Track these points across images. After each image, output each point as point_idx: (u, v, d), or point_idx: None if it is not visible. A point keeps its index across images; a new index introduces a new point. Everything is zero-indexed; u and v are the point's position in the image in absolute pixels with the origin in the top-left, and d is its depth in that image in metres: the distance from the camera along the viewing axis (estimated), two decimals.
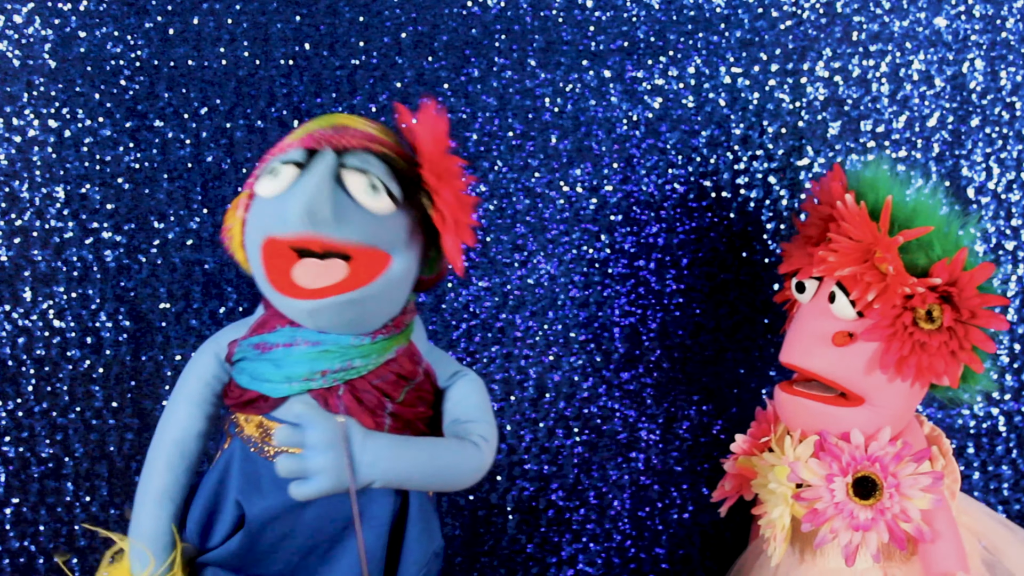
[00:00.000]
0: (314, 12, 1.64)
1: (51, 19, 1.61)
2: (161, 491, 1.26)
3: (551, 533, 1.75)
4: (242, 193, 1.26)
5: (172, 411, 1.28)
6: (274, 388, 1.22)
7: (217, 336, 1.30)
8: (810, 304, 1.40)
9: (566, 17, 1.67)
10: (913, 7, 1.69)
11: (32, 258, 1.64)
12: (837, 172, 1.41)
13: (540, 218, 1.69)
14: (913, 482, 1.34)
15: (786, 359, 1.40)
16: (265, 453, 1.24)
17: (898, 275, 1.32)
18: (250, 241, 1.22)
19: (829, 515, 1.34)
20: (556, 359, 1.72)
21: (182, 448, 1.27)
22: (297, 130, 1.24)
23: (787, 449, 1.38)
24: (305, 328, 1.22)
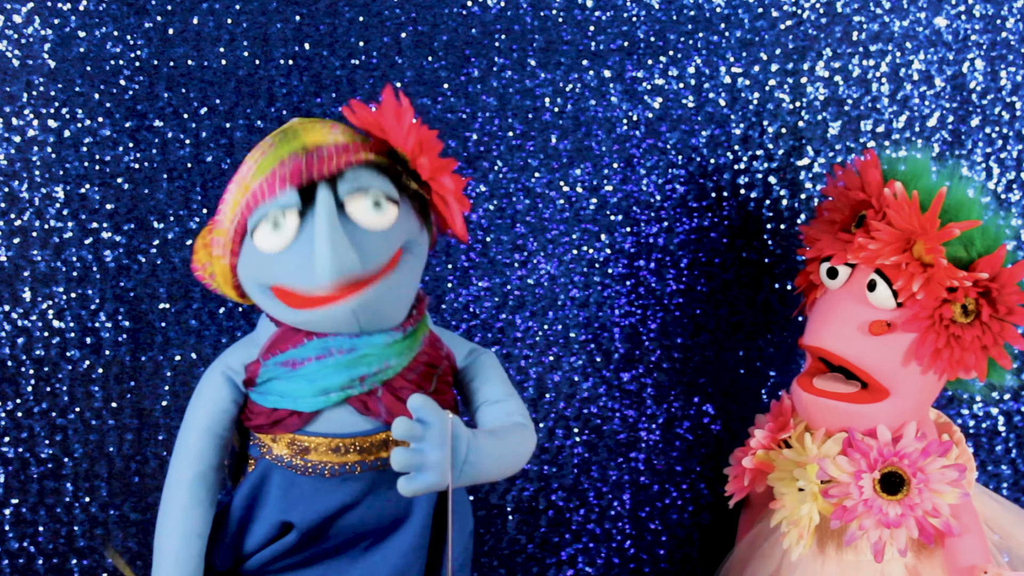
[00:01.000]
0: (314, 12, 1.64)
1: (51, 19, 1.61)
2: (188, 530, 1.22)
3: (551, 533, 1.75)
4: (209, 229, 1.23)
5: (189, 443, 1.24)
6: (308, 403, 1.20)
7: (225, 360, 1.26)
8: (843, 290, 1.39)
9: (566, 17, 1.67)
10: (913, 7, 1.69)
11: (31, 258, 1.64)
12: (874, 158, 1.41)
13: (540, 218, 1.69)
14: (941, 476, 1.34)
15: (815, 343, 1.39)
16: (302, 469, 1.22)
17: (945, 268, 1.32)
18: (252, 284, 1.20)
19: (859, 512, 1.34)
20: (556, 359, 1.72)
21: (206, 482, 1.24)
22: (264, 157, 1.18)
23: (808, 445, 1.38)
24: (336, 336, 1.20)
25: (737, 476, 1.47)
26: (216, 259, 1.22)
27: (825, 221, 1.45)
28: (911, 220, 1.33)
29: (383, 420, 1.22)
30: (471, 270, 1.69)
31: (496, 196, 1.69)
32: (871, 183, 1.39)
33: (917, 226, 1.32)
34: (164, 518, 1.23)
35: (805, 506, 1.37)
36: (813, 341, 1.40)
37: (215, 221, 1.22)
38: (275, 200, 1.15)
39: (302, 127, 1.20)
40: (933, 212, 1.32)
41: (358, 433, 1.22)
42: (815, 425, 1.40)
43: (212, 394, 1.24)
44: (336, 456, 1.21)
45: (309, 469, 1.22)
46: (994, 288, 1.33)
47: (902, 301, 1.35)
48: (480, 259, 1.69)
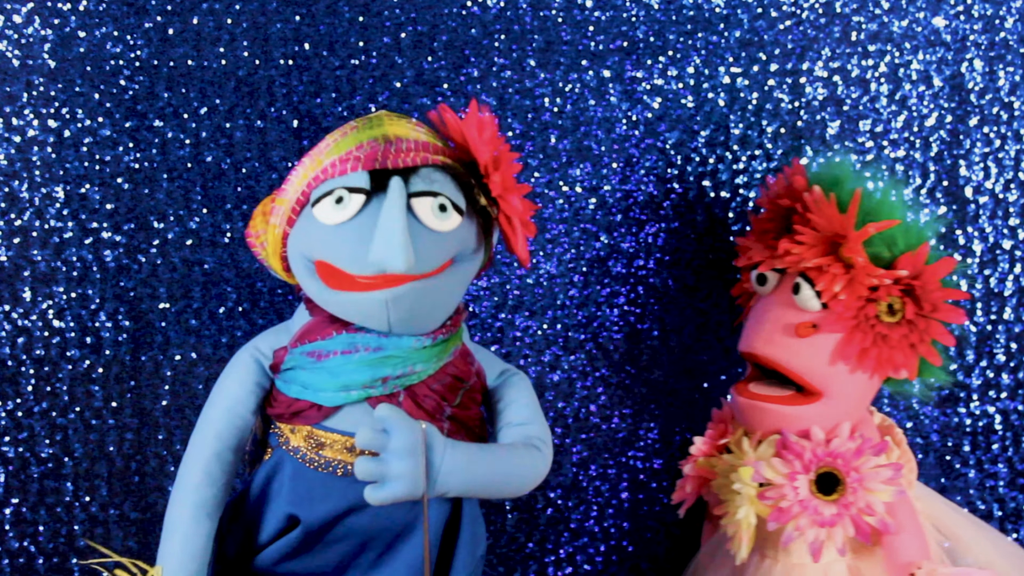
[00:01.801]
0: (314, 12, 1.64)
1: (51, 19, 1.61)
2: (199, 506, 1.21)
3: (550, 532, 1.75)
4: (272, 198, 1.24)
5: (212, 420, 1.24)
6: (329, 397, 1.19)
7: (257, 343, 1.26)
8: (772, 295, 1.41)
9: (565, 17, 1.67)
10: (912, 7, 1.70)
11: (32, 258, 1.64)
12: (798, 167, 1.43)
13: (540, 218, 1.69)
14: (875, 475, 1.35)
15: (747, 348, 1.41)
16: (316, 464, 1.22)
17: (864, 267, 1.33)
18: (298, 256, 1.20)
19: (794, 513, 1.35)
20: (556, 359, 1.72)
21: (223, 461, 1.23)
22: (344, 138, 1.20)
23: (746, 449, 1.39)
24: (365, 333, 1.19)
25: (681, 484, 1.48)
26: (271, 227, 1.22)
27: (758, 231, 1.46)
28: (831, 222, 1.34)
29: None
30: None
31: None
32: (796, 190, 1.40)
33: (837, 227, 1.33)
34: (177, 493, 1.22)
35: (742, 509, 1.38)
36: (745, 347, 1.42)
37: (280, 190, 1.23)
38: (345, 177, 1.16)
39: (388, 118, 1.22)
40: (851, 213, 1.33)
41: None
42: (752, 429, 1.41)
43: (238, 375, 1.24)
44: (350, 456, 1.21)
45: (322, 465, 1.21)
46: (917, 286, 1.34)
47: (827, 303, 1.36)
48: None
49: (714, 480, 1.43)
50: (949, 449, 1.77)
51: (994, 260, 1.74)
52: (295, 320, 1.26)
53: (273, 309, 1.66)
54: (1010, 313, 1.75)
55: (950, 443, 1.76)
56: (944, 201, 1.72)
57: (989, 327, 1.75)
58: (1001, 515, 1.78)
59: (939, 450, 1.77)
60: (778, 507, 1.36)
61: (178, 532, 1.21)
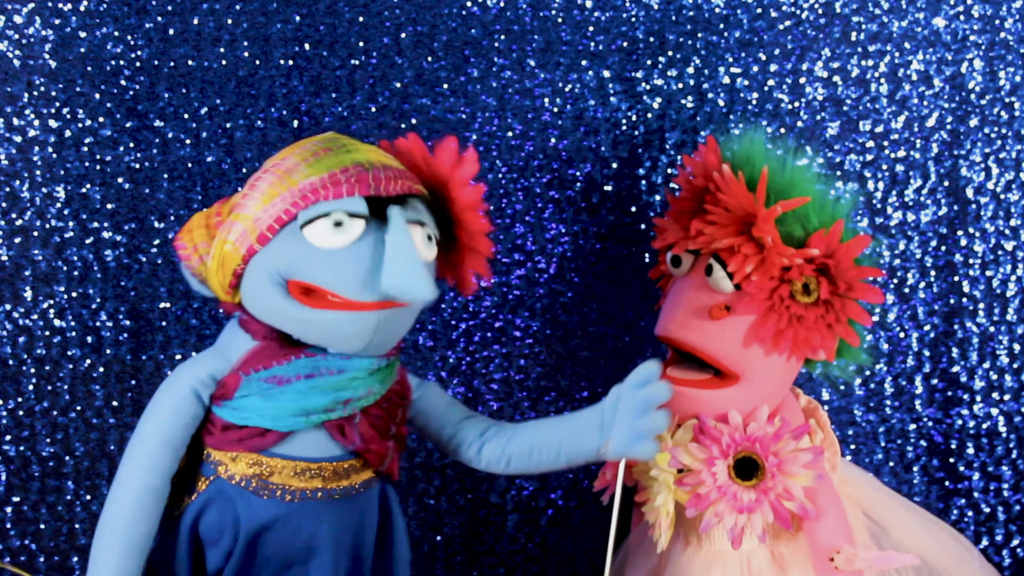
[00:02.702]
0: (314, 12, 1.64)
1: (51, 19, 1.61)
2: (130, 544, 1.15)
3: (550, 533, 1.75)
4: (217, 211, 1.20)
5: (145, 453, 1.18)
6: (285, 423, 1.17)
7: (193, 371, 1.20)
8: (687, 278, 1.37)
9: (565, 17, 1.67)
10: (912, 7, 1.69)
11: (32, 258, 1.64)
12: (712, 144, 1.37)
13: (540, 218, 1.69)
14: (794, 459, 1.32)
15: (662, 332, 1.37)
16: (262, 491, 1.19)
17: (776, 247, 1.29)
18: (265, 274, 1.16)
19: (713, 499, 1.32)
20: (556, 358, 1.72)
21: (157, 495, 1.17)
22: (319, 160, 1.16)
23: (665, 435, 1.34)
24: (327, 357, 1.18)
25: (602, 472, 1.43)
26: (221, 243, 1.18)
27: (675, 211, 1.41)
28: (741, 201, 1.30)
29: (354, 448, 1.20)
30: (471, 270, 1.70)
31: (496, 196, 1.69)
32: (709, 169, 1.35)
33: (747, 206, 1.29)
34: (106, 528, 1.17)
35: (660, 496, 1.34)
36: (660, 331, 1.38)
37: (235, 204, 1.18)
38: (342, 201, 1.13)
39: (351, 143, 1.19)
40: (760, 191, 1.29)
41: (326, 458, 1.19)
42: (672, 415, 1.35)
43: (174, 406, 1.18)
44: (298, 480, 1.19)
45: (267, 492, 1.19)
46: (831, 265, 1.30)
47: (740, 284, 1.32)
48: None
49: (634, 467, 1.38)
50: (953, 452, 1.76)
51: (996, 261, 1.73)
52: (228, 343, 1.22)
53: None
54: (1012, 314, 1.75)
55: (953, 445, 1.76)
56: (945, 202, 1.72)
57: (992, 328, 1.74)
58: (1005, 518, 1.77)
59: (942, 453, 1.76)
60: (696, 493, 1.33)
61: (107, 569, 1.16)
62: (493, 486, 1.74)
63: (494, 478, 1.74)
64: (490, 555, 1.75)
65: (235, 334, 1.21)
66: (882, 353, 1.74)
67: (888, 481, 1.76)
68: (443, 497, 1.74)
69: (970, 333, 1.74)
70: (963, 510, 1.77)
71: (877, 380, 1.75)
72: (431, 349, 1.71)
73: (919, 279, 1.73)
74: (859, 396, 1.75)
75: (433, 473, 1.73)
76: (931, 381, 1.75)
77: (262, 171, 1.18)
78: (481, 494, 1.74)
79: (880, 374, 1.75)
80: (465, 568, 1.76)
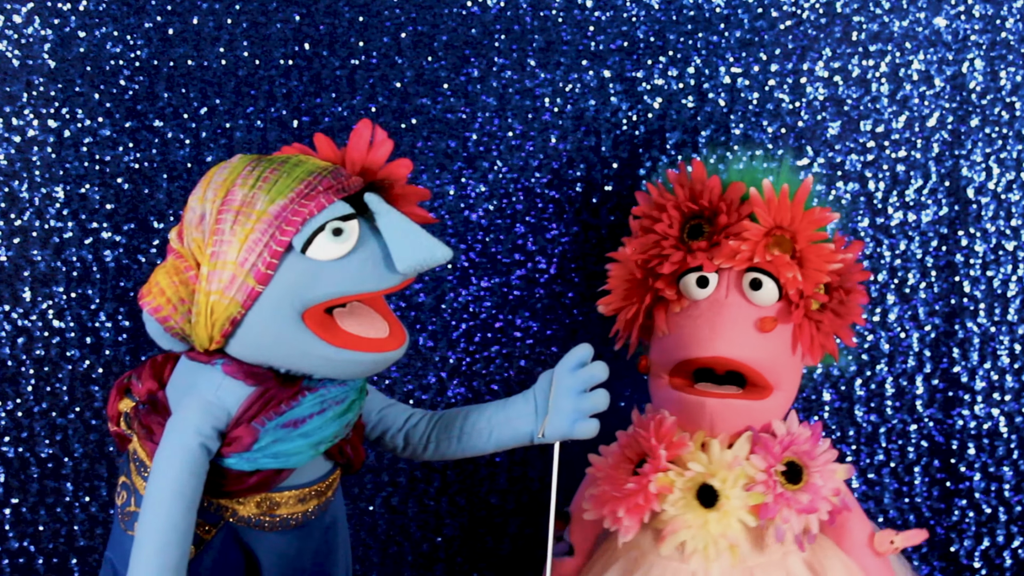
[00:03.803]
0: (314, 12, 1.64)
1: (51, 19, 1.61)
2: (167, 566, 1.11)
3: None
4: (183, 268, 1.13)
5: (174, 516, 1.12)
6: (300, 459, 1.16)
7: (196, 426, 1.14)
8: (717, 296, 1.38)
9: (566, 17, 1.67)
10: (913, 7, 1.69)
11: (32, 258, 1.64)
12: (700, 168, 1.42)
13: (540, 218, 1.69)
14: (828, 457, 1.36)
15: (710, 353, 1.36)
16: (270, 525, 1.20)
17: (819, 256, 1.35)
18: (282, 310, 1.11)
19: (778, 507, 1.33)
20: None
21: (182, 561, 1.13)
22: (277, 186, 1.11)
23: (717, 453, 1.35)
24: (329, 388, 1.16)
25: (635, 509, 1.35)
26: (206, 295, 1.12)
27: (653, 239, 1.41)
28: (784, 214, 1.35)
29: (344, 460, 1.23)
30: (471, 270, 1.69)
31: (496, 196, 1.69)
32: (713, 190, 1.39)
33: (792, 218, 1.35)
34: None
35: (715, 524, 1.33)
36: (707, 352, 1.36)
37: (212, 255, 1.11)
38: (327, 210, 1.11)
39: (281, 158, 1.16)
40: (800, 202, 1.35)
41: (317, 479, 1.21)
42: (717, 430, 1.37)
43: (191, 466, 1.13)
44: (301, 505, 1.20)
45: (277, 524, 1.20)
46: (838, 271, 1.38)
47: (784, 295, 1.37)
48: (480, 259, 1.69)
49: (669, 496, 1.34)
50: (954, 452, 1.76)
51: (997, 261, 1.73)
52: (215, 392, 1.15)
53: None
54: (1013, 315, 1.74)
55: (954, 446, 1.76)
56: (946, 202, 1.72)
57: (993, 329, 1.74)
58: (1007, 518, 1.77)
59: (943, 453, 1.76)
60: (764, 504, 1.34)
61: None
62: (493, 487, 1.74)
63: (495, 479, 1.73)
64: (491, 556, 1.75)
65: (218, 382, 1.16)
66: (883, 353, 1.74)
67: (889, 482, 1.76)
68: (443, 498, 1.73)
69: (971, 333, 1.74)
70: (964, 511, 1.77)
71: (878, 380, 1.75)
72: (431, 350, 1.71)
73: (920, 279, 1.73)
74: (860, 396, 1.75)
75: (434, 474, 1.73)
76: (932, 382, 1.75)
77: (210, 216, 1.12)
78: (481, 495, 1.74)
79: (881, 374, 1.75)
80: (466, 570, 1.76)
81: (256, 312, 1.11)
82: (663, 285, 1.39)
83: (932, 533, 1.77)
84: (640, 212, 1.44)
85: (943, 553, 1.78)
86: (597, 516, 1.39)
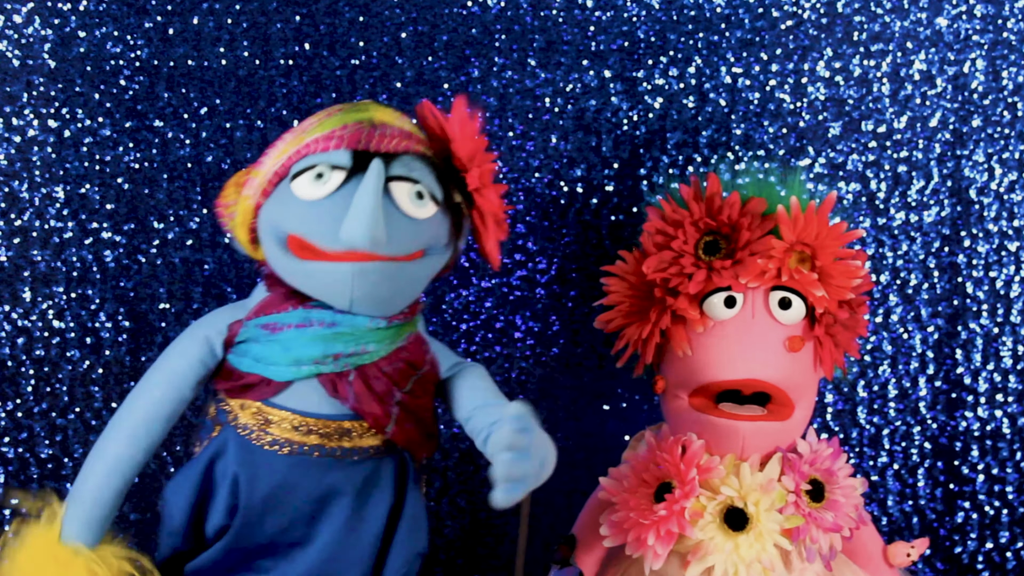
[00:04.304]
0: (314, 12, 1.64)
1: (51, 19, 1.61)
2: (115, 460, 1.21)
3: (552, 534, 1.74)
4: (247, 171, 1.24)
5: (148, 388, 1.24)
6: (280, 372, 1.20)
7: (211, 319, 1.26)
8: (743, 316, 1.34)
9: (566, 17, 1.67)
10: (914, 7, 1.69)
11: (32, 258, 1.64)
12: (715, 182, 1.35)
13: (540, 218, 1.69)
14: (847, 472, 1.35)
15: (743, 375, 1.32)
16: (262, 441, 1.22)
17: (844, 272, 1.32)
18: (269, 228, 1.20)
19: (807, 527, 1.32)
20: (556, 359, 1.71)
21: (148, 427, 1.22)
22: (330, 118, 1.21)
23: (748, 476, 1.32)
24: (321, 309, 1.20)
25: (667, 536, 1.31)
26: (243, 199, 1.23)
27: (669, 255, 1.35)
28: (809, 230, 1.31)
29: (349, 406, 1.21)
30: (471, 270, 1.69)
31: None
32: (734, 206, 1.33)
33: (818, 234, 1.31)
34: (99, 446, 1.23)
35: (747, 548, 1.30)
36: (739, 374, 1.32)
37: (258, 163, 1.23)
38: (327, 155, 1.18)
39: (373, 105, 1.24)
40: (824, 218, 1.31)
41: (322, 415, 1.21)
42: (746, 454, 1.34)
43: (184, 349, 1.24)
44: (297, 435, 1.21)
45: (268, 442, 1.21)
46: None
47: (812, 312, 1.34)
48: (480, 259, 1.69)
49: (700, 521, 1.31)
50: (957, 454, 1.75)
51: (999, 262, 1.73)
52: (253, 298, 1.27)
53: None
54: (1016, 315, 1.74)
55: (957, 448, 1.75)
56: (948, 202, 1.72)
57: (995, 330, 1.74)
58: (1009, 520, 1.77)
59: (946, 455, 1.75)
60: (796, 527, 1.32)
61: (90, 481, 1.21)
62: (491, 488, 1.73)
63: None
64: (492, 558, 1.75)
65: (259, 289, 1.26)
66: (886, 355, 1.74)
67: (892, 484, 1.76)
68: (444, 499, 1.73)
69: (974, 334, 1.74)
70: (967, 513, 1.76)
71: (881, 382, 1.74)
72: None
73: (922, 280, 1.73)
74: (863, 398, 1.74)
75: (434, 475, 1.72)
76: (935, 383, 1.75)
77: (288, 131, 1.24)
78: (482, 496, 1.73)
79: (883, 376, 1.74)
80: (466, 570, 1.75)
81: (259, 223, 1.22)
82: (685, 305, 1.33)
83: (935, 535, 1.77)
84: (653, 228, 1.38)
85: (946, 555, 1.78)
86: (618, 542, 1.35)
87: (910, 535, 1.76)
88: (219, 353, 1.24)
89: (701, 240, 1.34)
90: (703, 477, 1.32)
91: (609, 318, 1.41)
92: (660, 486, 1.33)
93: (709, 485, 1.32)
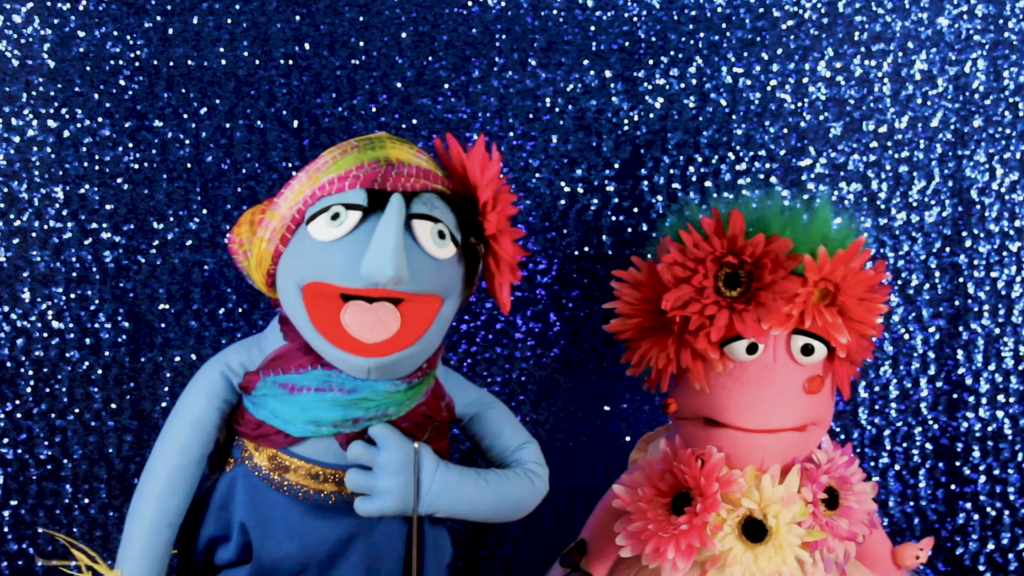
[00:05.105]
0: (314, 12, 1.64)
1: (50, 19, 1.61)
2: (160, 517, 1.21)
3: (552, 536, 1.74)
4: (263, 208, 1.22)
5: (176, 433, 1.23)
6: (298, 429, 1.18)
7: (226, 358, 1.24)
8: (765, 360, 1.31)
9: (567, 17, 1.67)
10: (915, 7, 1.69)
11: (31, 259, 1.64)
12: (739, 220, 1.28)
13: (540, 218, 1.69)
14: (860, 477, 1.35)
15: (763, 426, 1.31)
16: (278, 485, 1.21)
17: (864, 310, 1.30)
18: (287, 279, 1.17)
19: (826, 535, 1.31)
20: (556, 359, 1.71)
21: (185, 473, 1.22)
22: (345, 156, 1.18)
23: (769, 488, 1.31)
24: (341, 373, 1.18)
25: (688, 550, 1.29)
26: (259, 240, 1.20)
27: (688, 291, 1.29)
28: (836, 272, 1.28)
29: None
30: None
31: None
32: (757, 246, 1.27)
33: (845, 276, 1.28)
34: (138, 503, 1.22)
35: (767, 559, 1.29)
36: (759, 424, 1.31)
37: (273, 203, 1.21)
38: (342, 195, 1.14)
39: (390, 141, 1.20)
40: (849, 258, 1.28)
41: (339, 465, 1.20)
42: (766, 465, 1.33)
43: (206, 390, 1.23)
44: (314, 482, 1.20)
45: (285, 487, 1.20)
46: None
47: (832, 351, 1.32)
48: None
49: (719, 534, 1.30)
50: (958, 455, 1.75)
51: (1001, 262, 1.72)
52: (267, 337, 1.24)
53: (273, 310, 1.65)
54: (1018, 316, 1.74)
55: (959, 449, 1.75)
56: (949, 203, 1.71)
57: (997, 330, 1.74)
58: (1011, 521, 1.76)
59: (948, 456, 1.75)
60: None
61: (138, 541, 1.21)
62: None
63: None
64: (492, 559, 1.74)
65: (275, 329, 1.24)
66: (887, 356, 1.74)
67: (893, 485, 1.75)
68: None
69: (975, 335, 1.74)
70: (969, 514, 1.76)
71: (882, 383, 1.74)
72: None
73: (923, 280, 1.73)
74: (864, 399, 1.74)
75: None
76: (936, 384, 1.74)
77: (302, 169, 1.21)
78: None
79: (885, 377, 1.74)
80: (467, 571, 1.75)
81: (278, 271, 1.20)
82: (706, 346, 1.29)
83: (937, 536, 1.76)
84: (671, 260, 1.30)
85: (948, 556, 1.77)
86: (636, 553, 1.33)
87: (911, 536, 1.76)
88: (237, 392, 1.23)
89: (721, 271, 1.29)
90: (724, 490, 1.30)
91: (622, 328, 1.37)
92: (677, 496, 1.31)
93: (729, 498, 1.31)
